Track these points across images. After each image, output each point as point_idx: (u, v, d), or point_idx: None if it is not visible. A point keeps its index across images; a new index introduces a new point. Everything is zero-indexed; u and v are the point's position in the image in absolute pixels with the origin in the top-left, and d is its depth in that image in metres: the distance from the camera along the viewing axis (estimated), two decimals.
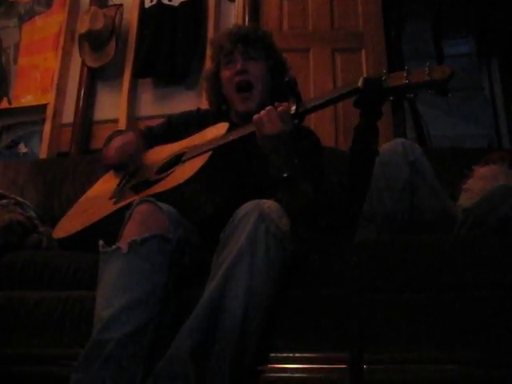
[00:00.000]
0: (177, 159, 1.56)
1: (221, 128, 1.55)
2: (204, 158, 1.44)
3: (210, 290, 1.12)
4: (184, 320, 1.12)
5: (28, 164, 2.63)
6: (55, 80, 3.37)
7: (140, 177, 1.61)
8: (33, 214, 1.92)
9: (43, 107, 3.36)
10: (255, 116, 1.36)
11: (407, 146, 1.58)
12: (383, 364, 1.22)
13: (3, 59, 3.60)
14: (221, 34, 1.76)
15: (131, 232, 1.22)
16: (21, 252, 1.62)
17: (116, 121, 3.17)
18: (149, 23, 3.25)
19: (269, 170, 1.39)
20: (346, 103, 1.34)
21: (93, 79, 3.36)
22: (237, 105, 1.67)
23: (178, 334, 1.11)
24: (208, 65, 2.52)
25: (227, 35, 1.70)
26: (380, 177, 1.54)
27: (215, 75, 1.74)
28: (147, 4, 3.30)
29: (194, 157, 1.48)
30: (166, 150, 1.65)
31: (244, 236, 1.15)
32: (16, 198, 1.97)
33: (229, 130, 1.52)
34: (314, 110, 1.39)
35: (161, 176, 1.53)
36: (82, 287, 1.44)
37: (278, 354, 1.25)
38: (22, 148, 3.50)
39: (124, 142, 1.65)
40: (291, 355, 1.25)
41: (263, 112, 1.35)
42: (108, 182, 1.73)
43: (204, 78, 1.86)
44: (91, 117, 3.32)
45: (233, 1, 3.32)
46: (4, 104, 3.49)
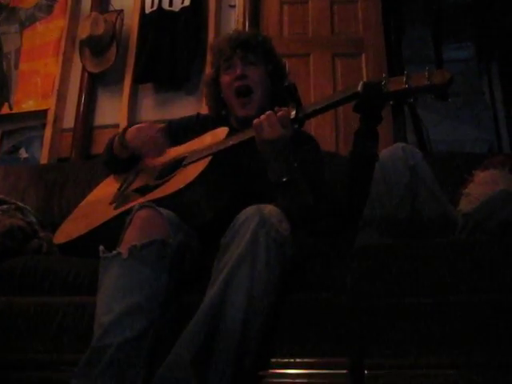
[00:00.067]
0: (177, 164, 1.56)
1: (220, 133, 1.55)
2: (204, 163, 1.44)
3: (211, 296, 1.12)
4: (184, 325, 1.12)
5: (29, 169, 2.63)
6: (56, 85, 3.38)
7: (140, 182, 1.61)
8: (33, 220, 1.92)
9: (44, 112, 3.37)
10: (255, 120, 1.36)
11: (407, 151, 1.58)
12: (384, 369, 1.21)
13: (4, 65, 3.60)
14: (221, 40, 1.77)
15: (131, 237, 1.22)
16: (21, 257, 1.61)
17: (116, 126, 3.17)
18: (149, 29, 3.26)
19: (268, 175, 1.39)
20: (346, 108, 1.34)
21: (93, 84, 3.37)
22: (236, 110, 1.67)
23: (179, 340, 1.10)
24: (208, 70, 2.52)
25: (227, 40, 1.70)
26: (380, 181, 1.54)
27: (215, 80, 1.75)
28: (148, 9, 3.31)
29: (194, 162, 1.48)
30: (166, 155, 1.65)
31: (244, 241, 1.15)
32: (16, 203, 1.97)
33: (228, 135, 1.51)
34: (314, 115, 1.39)
35: (161, 181, 1.53)
36: (83, 292, 1.44)
37: (279, 359, 1.24)
38: (23, 153, 3.50)
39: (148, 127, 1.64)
40: (292, 360, 1.24)
41: (263, 117, 1.35)
42: (108, 187, 1.73)
43: (204, 83, 1.87)
44: (92, 122, 3.33)
45: (233, 6, 3.33)
46: (5, 109, 3.50)
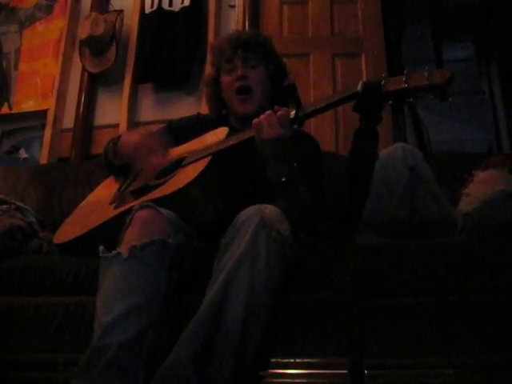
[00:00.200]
0: (177, 164, 1.56)
1: (220, 133, 1.55)
2: (204, 163, 1.44)
3: (211, 296, 1.12)
4: (184, 325, 1.12)
5: (28, 169, 2.63)
6: (56, 85, 3.38)
7: (140, 182, 1.61)
8: (33, 220, 1.92)
9: (44, 113, 3.37)
10: (254, 120, 1.36)
11: (407, 151, 1.58)
12: (384, 369, 1.21)
13: (4, 65, 3.60)
14: (221, 40, 1.77)
15: (131, 237, 1.22)
16: (21, 257, 1.62)
17: (116, 126, 3.18)
18: (149, 29, 3.26)
19: (268, 175, 1.39)
20: (346, 108, 1.34)
21: (93, 84, 3.37)
22: (236, 107, 1.67)
23: (179, 339, 1.10)
24: (208, 70, 2.52)
25: (228, 40, 1.70)
26: (380, 181, 1.54)
27: (215, 80, 1.75)
28: (147, 9, 3.31)
29: (194, 161, 1.48)
30: (168, 155, 1.65)
31: (245, 241, 1.15)
32: (16, 204, 1.97)
33: (228, 135, 1.52)
34: (314, 115, 1.39)
35: (161, 181, 1.53)
36: (83, 292, 1.43)
37: (279, 359, 1.24)
38: (23, 153, 3.50)
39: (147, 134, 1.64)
40: (292, 360, 1.24)
41: (263, 116, 1.34)
42: (108, 187, 1.73)
43: (204, 83, 1.87)
44: (92, 122, 3.33)
45: (233, 6, 3.33)
46: (5, 109, 3.50)
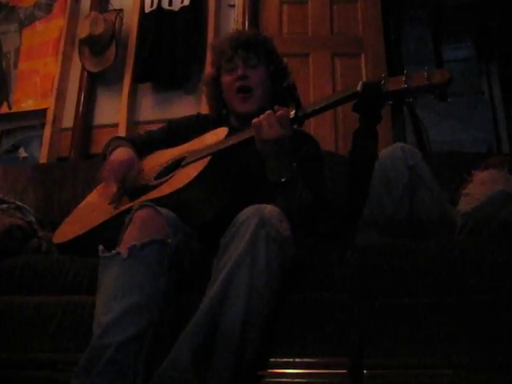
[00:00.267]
0: (176, 164, 1.56)
1: (220, 133, 1.55)
2: (203, 163, 1.44)
3: (211, 296, 1.12)
4: (184, 325, 1.12)
5: (28, 168, 2.63)
6: (55, 85, 3.38)
7: (140, 182, 1.61)
8: (32, 219, 1.92)
9: (43, 112, 3.36)
10: (254, 120, 1.35)
11: (407, 151, 1.58)
12: (383, 369, 1.21)
13: (3, 64, 3.60)
14: (222, 39, 1.77)
15: (131, 237, 1.22)
16: (20, 256, 1.62)
17: (116, 125, 3.18)
18: (149, 28, 3.26)
19: (267, 175, 1.39)
20: (346, 108, 1.34)
21: (93, 84, 3.37)
22: (236, 106, 1.67)
23: (179, 339, 1.10)
24: (208, 69, 2.53)
25: (228, 40, 1.70)
26: (379, 181, 1.54)
27: (216, 80, 1.75)
28: (147, 9, 3.31)
29: (194, 161, 1.48)
30: (166, 155, 1.65)
31: (244, 241, 1.15)
32: (16, 203, 1.97)
33: (228, 135, 1.51)
34: (314, 115, 1.39)
35: (160, 181, 1.53)
36: (82, 292, 1.44)
37: (278, 359, 1.25)
38: (22, 152, 3.50)
39: (113, 168, 1.58)
40: (291, 360, 1.24)
41: (262, 116, 1.34)
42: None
43: (204, 83, 1.86)
44: (91, 121, 3.33)
45: (233, 6, 3.33)
46: (4, 109, 3.50)
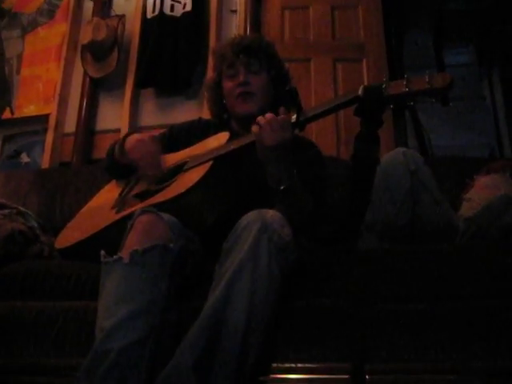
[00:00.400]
0: (178, 169, 1.56)
1: (222, 137, 1.55)
2: (205, 168, 1.44)
3: (213, 300, 1.12)
4: (186, 330, 1.11)
5: (30, 174, 2.63)
6: (57, 90, 3.39)
7: (142, 186, 1.61)
8: (34, 224, 1.92)
9: (45, 117, 3.37)
10: (254, 126, 1.36)
11: (408, 156, 1.58)
12: (385, 374, 1.21)
13: (6, 70, 3.62)
14: (223, 44, 1.77)
15: (133, 242, 1.22)
16: (23, 262, 1.62)
17: (118, 130, 3.18)
18: (151, 33, 3.27)
19: (268, 181, 1.39)
20: (347, 113, 1.34)
21: (95, 89, 3.38)
22: (237, 108, 1.67)
23: (180, 345, 1.10)
24: (209, 75, 2.53)
25: (230, 45, 1.70)
26: (381, 186, 1.54)
27: (217, 85, 1.75)
28: (149, 14, 3.32)
29: (196, 166, 1.48)
30: (168, 160, 1.65)
31: (246, 246, 1.15)
32: (18, 208, 1.97)
33: (230, 140, 1.52)
34: (315, 119, 1.39)
35: (162, 186, 1.53)
36: (84, 297, 1.43)
37: (280, 365, 1.24)
38: (25, 158, 3.50)
39: (141, 141, 1.62)
40: (293, 365, 1.24)
41: (264, 121, 1.35)
42: (110, 192, 1.73)
43: (206, 88, 1.87)
44: (93, 127, 3.34)
45: (234, 11, 3.34)
46: (7, 114, 3.51)
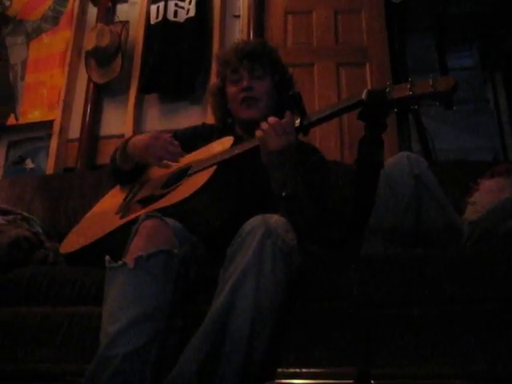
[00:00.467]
0: (182, 173, 1.56)
1: (226, 142, 1.56)
2: (209, 172, 1.44)
3: (217, 305, 1.11)
4: (191, 335, 1.11)
5: (35, 179, 2.64)
6: (62, 96, 3.40)
7: (146, 191, 1.61)
8: (39, 230, 1.93)
9: (50, 123, 3.38)
10: (257, 131, 1.37)
11: (412, 160, 1.58)
12: (391, 379, 1.20)
13: (11, 76, 3.63)
14: (227, 50, 1.77)
15: (137, 247, 1.22)
16: (27, 267, 1.62)
17: (122, 136, 3.18)
18: (154, 39, 3.28)
19: (272, 186, 1.39)
20: (351, 117, 1.34)
21: (99, 95, 3.39)
22: (241, 113, 1.67)
23: (185, 350, 1.10)
24: (213, 80, 2.53)
25: (233, 51, 1.71)
26: (385, 190, 1.54)
27: (221, 90, 1.75)
28: (153, 20, 3.33)
29: (200, 171, 1.49)
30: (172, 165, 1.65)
31: (251, 251, 1.14)
32: (22, 214, 1.98)
33: (234, 144, 1.52)
34: (319, 123, 1.39)
35: (167, 190, 1.53)
36: (89, 303, 1.44)
37: (285, 370, 1.24)
38: (29, 163, 3.51)
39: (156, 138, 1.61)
40: (298, 370, 1.24)
41: (267, 126, 1.35)
42: (114, 197, 1.74)
43: (209, 93, 1.87)
44: (97, 132, 3.34)
45: (237, 16, 3.35)
46: (11, 120, 3.52)
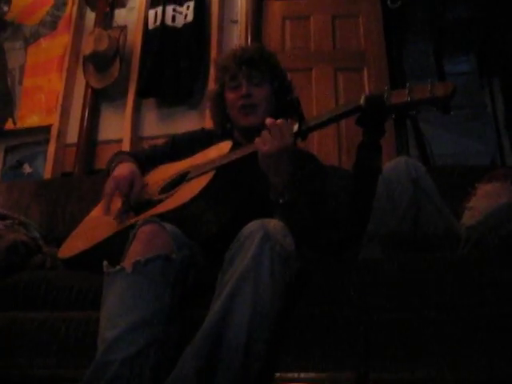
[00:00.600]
0: (181, 178, 1.56)
1: (224, 147, 1.55)
2: (208, 177, 1.44)
3: (215, 310, 1.11)
4: (189, 340, 1.11)
5: (32, 184, 2.64)
6: (60, 101, 3.41)
7: (144, 196, 1.61)
8: (37, 235, 1.92)
9: (48, 128, 3.39)
10: (257, 138, 1.37)
11: (410, 164, 1.58)
12: (390, 383, 1.20)
13: (9, 81, 3.63)
14: (226, 55, 1.77)
15: (135, 252, 1.22)
16: (25, 272, 1.62)
17: (120, 141, 3.19)
18: (152, 44, 3.29)
19: (270, 195, 1.40)
20: (349, 122, 1.35)
21: (97, 100, 3.40)
22: (240, 120, 1.67)
23: (183, 355, 1.10)
24: (211, 85, 2.54)
25: (232, 57, 1.70)
26: (383, 195, 1.54)
27: (220, 96, 1.75)
28: (151, 25, 3.34)
29: (198, 176, 1.49)
30: (170, 170, 1.65)
31: (249, 255, 1.14)
32: (20, 219, 1.97)
33: (232, 149, 1.52)
34: (317, 128, 1.39)
35: (165, 195, 1.53)
36: (86, 307, 1.43)
37: (283, 374, 1.23)
38: (27, 168, 3.51)
39: (116, 184, 1.56)
40: (296, 375, 1.23)
41: (264, 132, 1.36)
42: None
43: (208, 99, 1.87)
44: (95, 137, 3.35)
45: (235, 22, 3.36)
46: (9, 125, 3.52)
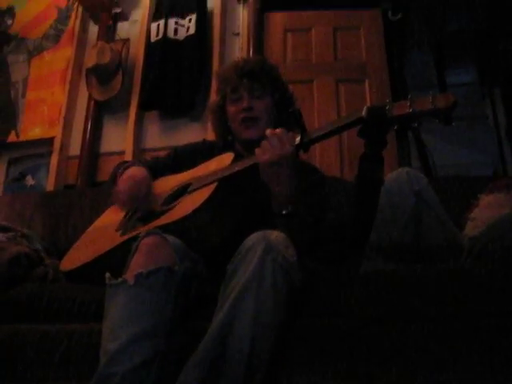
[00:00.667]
0: (183, 190, 1.56)
1: (226, 158, 1.56)
2: (210, 189, 1.44)
3: (218, 322, 1.11)
4: (191, 352, 1.11)
5: (35, 196, 2.64)
6: (62, 113, 3.42)
7: (146, 208, 1.61)
8: (39, 247, 1.93)
9: (50, 140, 3.40)
10: (257, 149, 1.37)
11: (412, 176, 1.58)
12: None
13: (12, 93, 3.65)
14: (227, 68, 1.78)
15: (138, 264, 1.22)
16: (27, 284, 1.62)
17: (122, 153, 3.20)
18: (155, 57, 3.30)
19: (272, 206, 1.40)
20: (351, 133, 1.35)
21: (99, 112, 3.41)
22: (241, 132, 1.68)
23: (185, 367, 1.09)
24: (213, 97, 2.55)
25: (233, 69, 1.71)
26: (385, 206, 1.54)
27: (221, 108, 1.76)
28: (153, 38, 3.36)
29: (200, 188, 1.49)
30: (172, 181, 1.65)
31: (251, 267, 1.14)
32: (22, 231, 1.98)
33: (234, 161, 1.52)
34: (319, 140, 1.40)
35: (167, 207, 1.53)
36: (89, 320, 1.43)
37: None
38: (30, 180, 3.52)
39: (135, 183, 1.60)
40: None
41: (264, 142, 1.37)
42: (114, 214, 1.73)
43: (210, 110, 1.87)
44: (98, 149, 3.36)
45: (237, 34, 3.38)
46: (12, 137, 3.54)
